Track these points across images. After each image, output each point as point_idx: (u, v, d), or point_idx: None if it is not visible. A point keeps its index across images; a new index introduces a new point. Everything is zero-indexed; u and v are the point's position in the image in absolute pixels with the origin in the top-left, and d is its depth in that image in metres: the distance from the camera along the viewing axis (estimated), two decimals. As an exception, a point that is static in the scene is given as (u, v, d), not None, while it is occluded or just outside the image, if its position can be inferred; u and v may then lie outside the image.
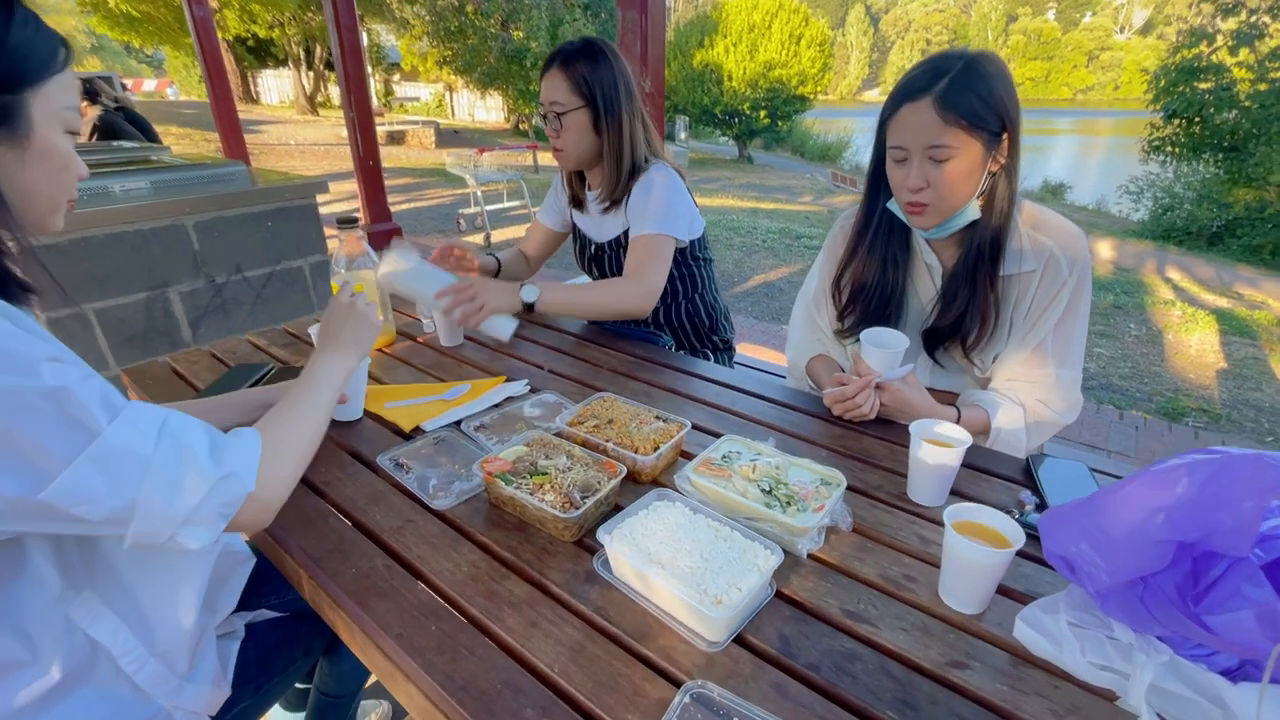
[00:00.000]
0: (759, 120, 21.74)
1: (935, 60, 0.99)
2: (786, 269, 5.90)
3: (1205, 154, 7.76)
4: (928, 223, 1.05)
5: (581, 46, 1.37)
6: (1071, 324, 1.06)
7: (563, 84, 1.36)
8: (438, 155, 14.50)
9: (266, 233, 2.36)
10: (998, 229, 1.04)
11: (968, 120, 0.95)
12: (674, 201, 1.43)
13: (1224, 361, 3.91)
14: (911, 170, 1.00)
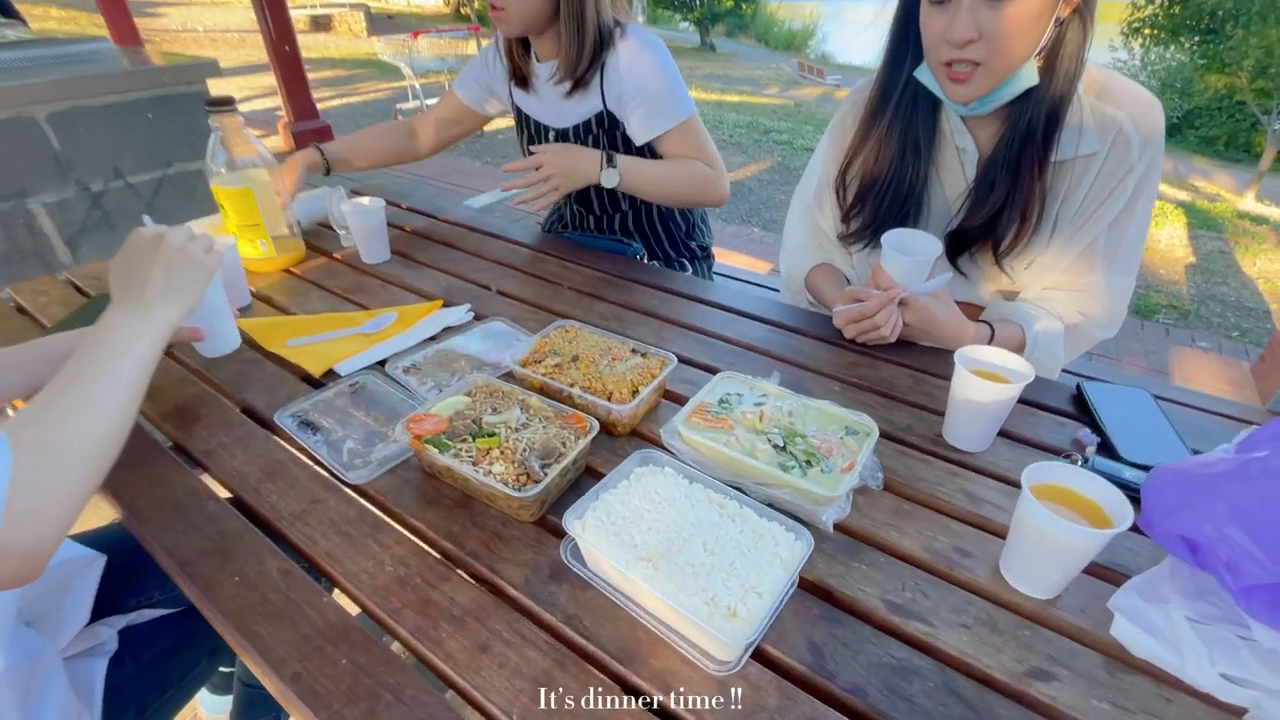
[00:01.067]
0: (722, 3, 20.11)
1: None
2: (756, 166, 5.56)
3: (1182, 37, 7.46)
4: (973, 91, 0.80)
5: None
6: (1130, 220, 0.86)
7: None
8: (370, 44, 13.02)
9: (148, 127, 1.95)
10: (1058, 99, 0.80)
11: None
12: (674, 73, 1.16)
13: (1192, 256, 3.88)
14: (960, 16, 0.74)
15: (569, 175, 1.11)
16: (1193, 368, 2.48)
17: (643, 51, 1.13)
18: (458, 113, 1.41)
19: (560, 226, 1.43)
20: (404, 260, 1.19)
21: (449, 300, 1.03)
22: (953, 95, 0.83)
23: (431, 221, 1.38)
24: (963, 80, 0.79)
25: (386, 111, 6.83)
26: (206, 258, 0.70)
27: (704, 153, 1.21)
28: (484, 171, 4.82)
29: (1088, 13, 0.77)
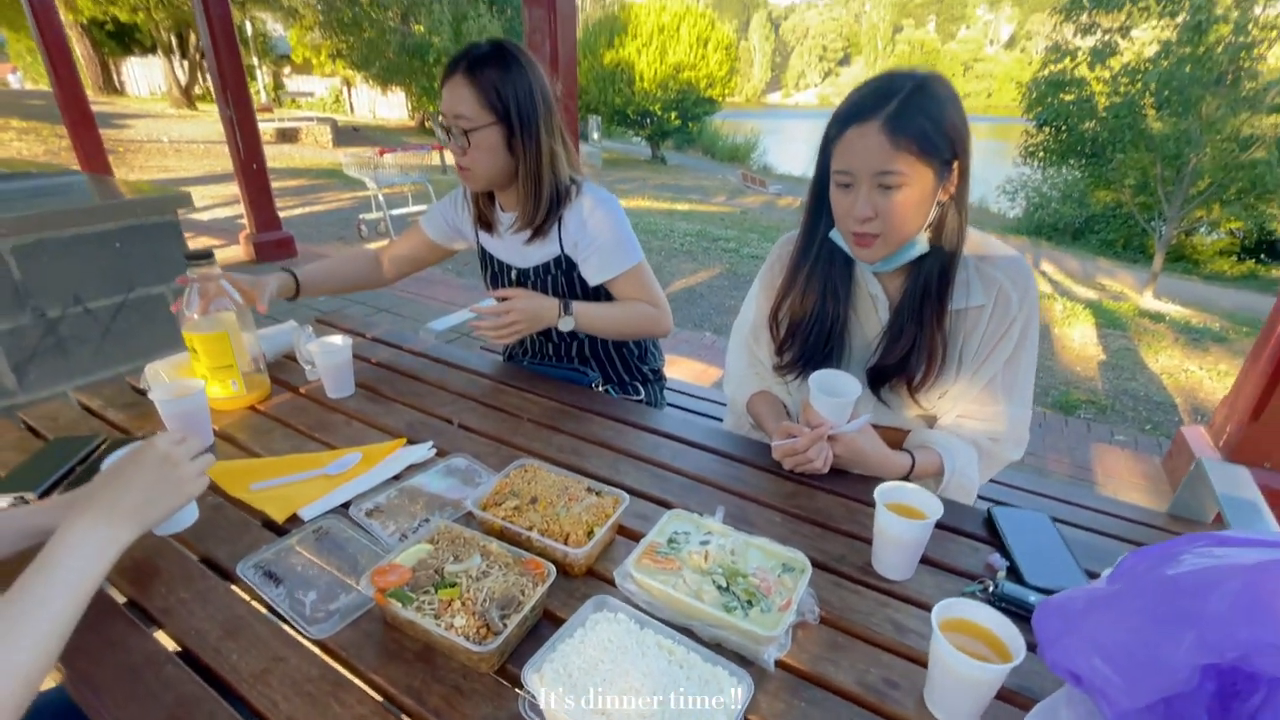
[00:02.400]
0: (670, 121, 21.97)
1: (884, 80, 0.90)
2: (706, 273, 5.90)
3: (1071, 159, 8.53)
4: (874, 255, 0.96)
5: (491, 51, 1.18)
6: (1021, 359, 1.01)
7: (469, 95, 1.16)
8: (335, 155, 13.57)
9: (114, 255, 2.00)
10: (946, 262, 0.97)
11: (919, 146, 0.87)
12: (625, 226, 1.31)
13: (1103, 353, 4.24)
14: (859, 198, 0.91)
15: (532, 320, 1.22)
16: (1112, 464, 2.67)
17: (596, 208, 1.28)
18: (424, 248, 1.52)
19: (522, 354, 1.52)
20: (368, 394, 1.24)
21: (412, 437, 1.08)
22: (859, 257, 0.98)
23: (396, 352, 1.45)
24: (866, 246, 0.95)
25: (349, 221, 7.04)
26: (195, 483, 0.73)
27: (649, 294, 1.34)
28: (444, 280, 4.97)
29: (962, 199, 0.94)
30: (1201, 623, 0.46)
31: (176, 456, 0.71)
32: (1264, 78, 6.63)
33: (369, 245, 6.27)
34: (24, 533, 0.70)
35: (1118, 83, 7.28)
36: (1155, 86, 6.80)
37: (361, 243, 6.36)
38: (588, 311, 1.27)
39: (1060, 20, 7.77)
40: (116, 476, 0.68)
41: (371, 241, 6.39)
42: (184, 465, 0.72)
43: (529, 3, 2.84)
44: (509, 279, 1.41)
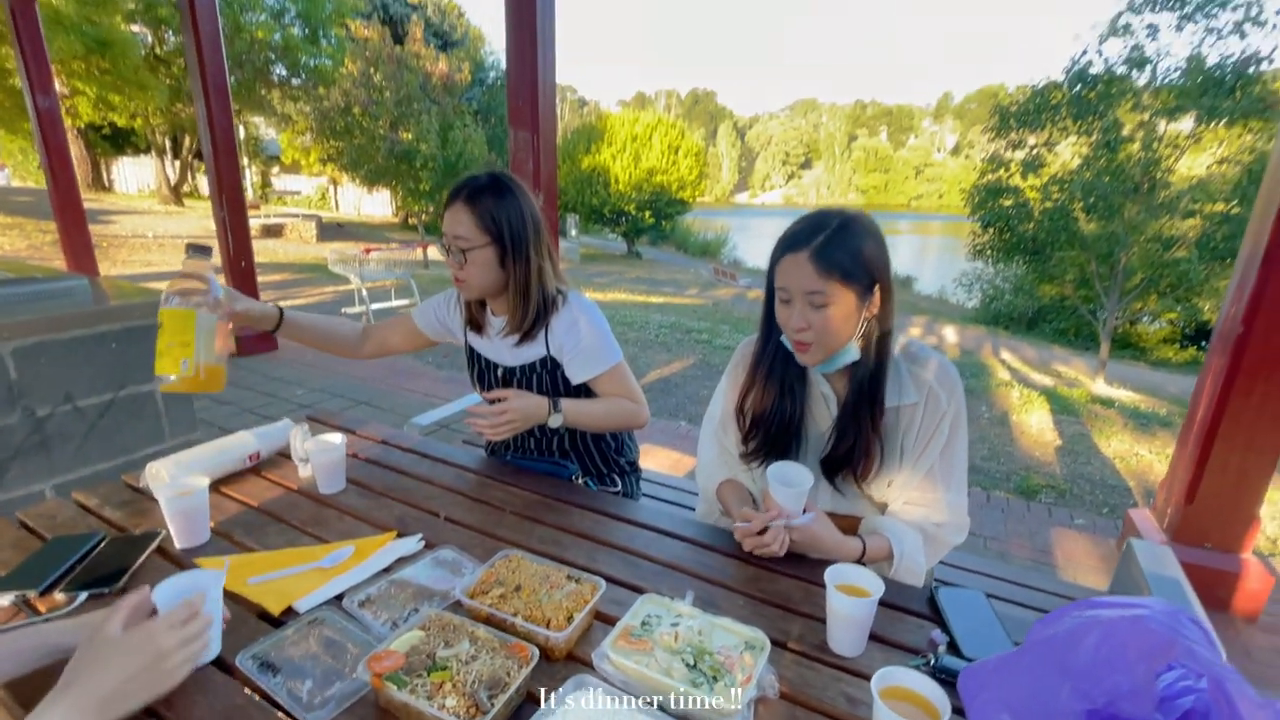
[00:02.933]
0: (644, 220, 23.19)
1: (816, 216, 1.09)
2: (680, 364, 6.10)
3: (1015, 256, 9.21)
4: (812, 359, 1.12)
5: (488, 181, 1.36)
6: (954, 450, 1.15)
7: (469, 219, 1.33)
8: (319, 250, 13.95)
9: (110, 355, 2.08)
10: (876, 368, 1.13)
11: (841, 274, 1.04)
12: (606, 330, 1.46)
13: (1059, 439, 4.44)
14: (794, 312, 1.08)
15: (526, 418, 1.33)
16: (1071, 547, 2.77)
17: (580, 316, 1.43)
18: (410, 336, 1.64)
19: (504, 449, 1.61)
20: (359, 489, 1.31)
21: (402, 530, 1.15)
22: (800, 360, 1.14)
23: (384, 448, 1.53)
24: (804, 351, 1.11)
25: (330, 313, 7.14)
26: (180, 672, 0.72)
27: (629, 390, 1.47)
28: (424, 373, 5.07)
29: (885, 316, 1.12)
30: (1073, 674, 0.56)
31: (169, 647, 0.70)
32: (1175, 187, 7.40)
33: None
34: (42, 650, 0.74)
35: (1048, 191, 8.04)
36: (1081, 194, 7.53)
37: (342, 335, 6.46)
38: (574, 408, 1.39)
39: (993, 135, 8.67)
40: (101, 662, 0.66)
41: (352, 334, 6.51)
42: (175, 655, 0.71)
43: (514, 125, 3.14)
44: (495, 376, 1.53)
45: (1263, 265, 1.92)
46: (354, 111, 12.59)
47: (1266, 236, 1.93)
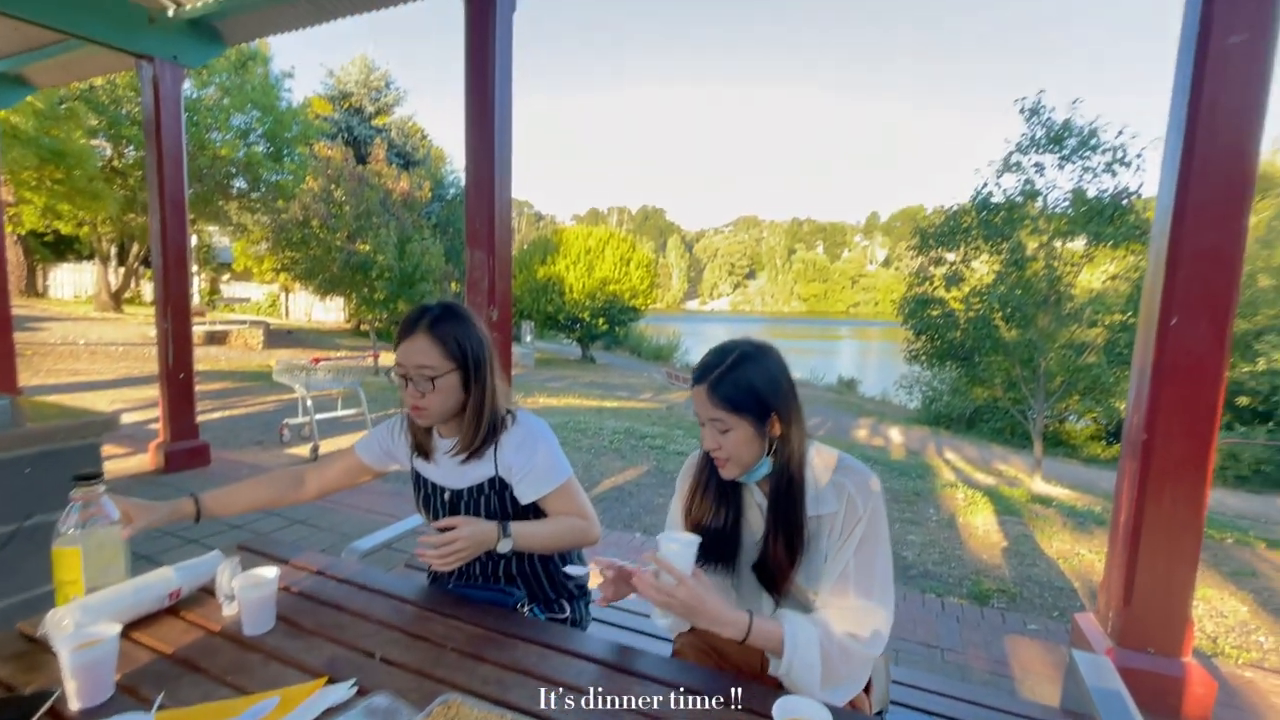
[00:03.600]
0: (598, 326, 23.78)
1: (718, 351, 1.23)
2: (634, 470, 6.06)
3: (947, 362, 9.80)
4: (730, 474, 1.22)
5: (444, 311, 1.41)
6: (871, 555, 1.17)
7: (433, 348, 1.36)
8: (265, 357, 13.62)
9: (21, 481, 1.94)
10: (790, 481, 1.21)
11: (732, 406, 1.17)
12: (555, 446, 1.48)
13: (1005, 540, 4.54)
14: (707, 434, 1.21)
15: (476, 546, 1.32)
16: (1026, 655, 2.76)
17: (529, 434, 1.45)
18: (355, 470, 1.62)
19: (448, 577, 1.55)
20: (288, 628, 1.23)
21: (333, 675, 1.07)
22: (722, 474, 1.24)
23: (319, 579, 1.45)
24: (723, 466, 1.22)
25: (271, 425, 6.91)
26: None
27: (578, 507, 1.47)
28: (366, 487, 4.86)
29: (787, 438, 1.21)
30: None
31: None
32: (1078, 299, 8.19)
33: (290, 450, 6.12)
34: None
35: (970, 302, 8.75)
36: (999, 305, 8.22)
37: (282, 448, 6.20)
38: (524, 530, 1.39)
39: (916, 253, 9.50)
40: None
41: (294, 446, 6.25)
42: None
43: (472, 245, 3.29)
44: (442, 500, 1.51)
45: (1153, 377, 2.13)
46: (312, 224, 12.84)
47: (1152, 351, 2.15)
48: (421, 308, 1.42)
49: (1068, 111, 7.80)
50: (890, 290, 38.59)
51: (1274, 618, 3.45)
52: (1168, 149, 2.13)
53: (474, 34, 3.21)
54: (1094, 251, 8.03)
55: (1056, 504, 5.87)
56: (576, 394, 13.78)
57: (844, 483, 1.21)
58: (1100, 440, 14.50)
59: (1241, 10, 1.94)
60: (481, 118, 3.21)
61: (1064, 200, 7.98)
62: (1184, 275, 2.06)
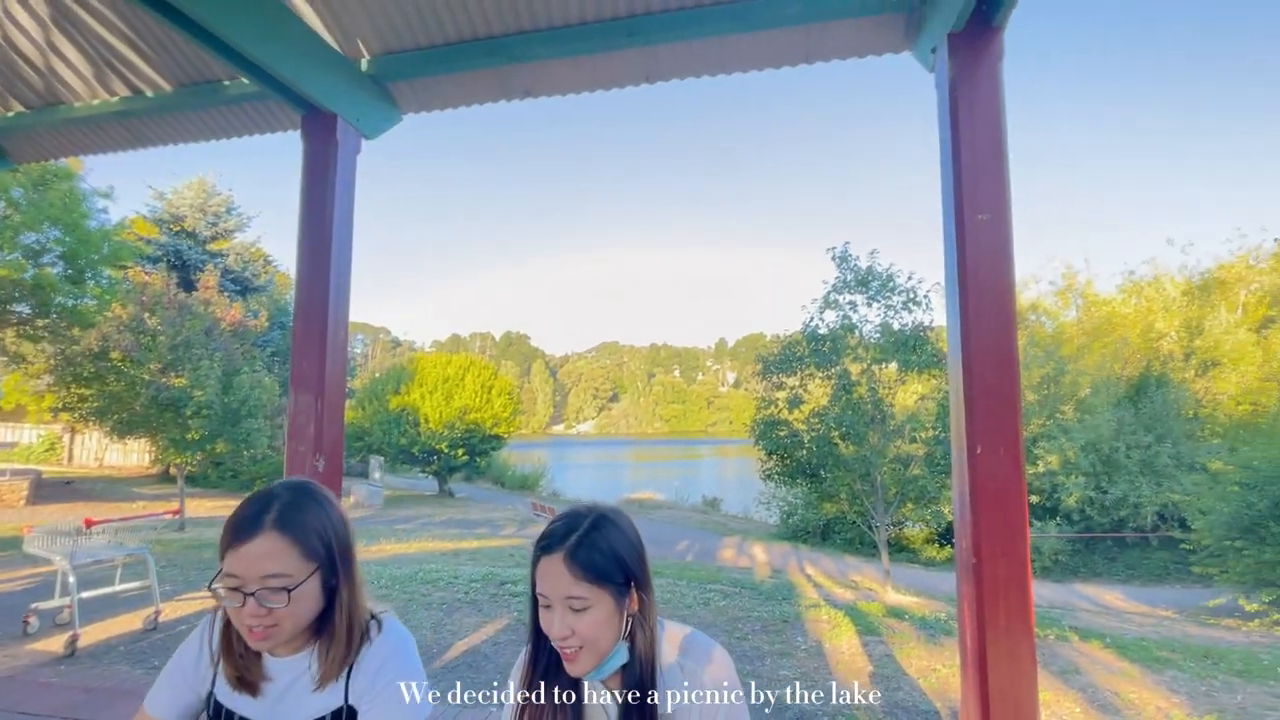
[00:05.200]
0: (458, 457, 22.50)
1: (568, 517, 1.10)
2: (493, 626, 5.44)
3: (798, 479, 10.41)
4: (581, 668, 1.05)
5: (294, 496, 1.11)
6: None
7: (289, 549, 1.05)
8: (29, 515, 10.98)
9: None
10: (645, 667, 1.08)
11: (594, 575, 1.03)
12: (421, 680, 1.17)
13: (869, 664, 4.58)
14: (555, 618, 1.03)
15: None
16: (905, 800, 2.66)
17: (395, 656, 1.16)
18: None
19: None
20: None
21: None
22: (569, 670, 1.06)
23: None
24: (572, 660, 1.04)
25: (16, 610, 5.37)
26: None
27: None
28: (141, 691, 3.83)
29: (644, 615, 1.09)
30: None
31: None
32: (898, 418, 9.24)
33: (34, 645, 4.74)
34: None
35: (811, 423, 9.52)
36: (835, 425, 9.02)
37: (24, 642, 4.80)
38: None
39: (759, 379, 10.31)
40: None
41: (42, 639, 4.86)
42: None
43: (297, 388, 2.96)
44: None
45: (971, 503, 2.33)
46: (112, 356, 11.14)
47: (966, 478, 2.37)
48: (262, 498, 1.11)
49: (869, 260, 9.27)
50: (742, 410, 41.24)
51: (1103, 714, 3.72)
52: (948, 301, 2.51)
53: (311, 171, 3.11)
54: (905, 376, 9.23)
55: (909, 616, 6.13)
56: (430, 536, 12.59)
57: (701, 673, 1.09)
58: (934, 543, 15.87)
59: (984, 195, 2.41)
60: (315, 255, 3.03)
61: (876, 332, 9.23)
62: (979, 409, 2.34)
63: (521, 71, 3.29)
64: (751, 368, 11.77)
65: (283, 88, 2.92)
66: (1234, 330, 16.96)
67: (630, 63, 3.24)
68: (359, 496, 19.72)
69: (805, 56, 3.04)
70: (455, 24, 3.07)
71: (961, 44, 2.38)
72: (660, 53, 3.13)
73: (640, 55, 3.17)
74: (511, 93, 3.43)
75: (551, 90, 3.45)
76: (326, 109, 3.09)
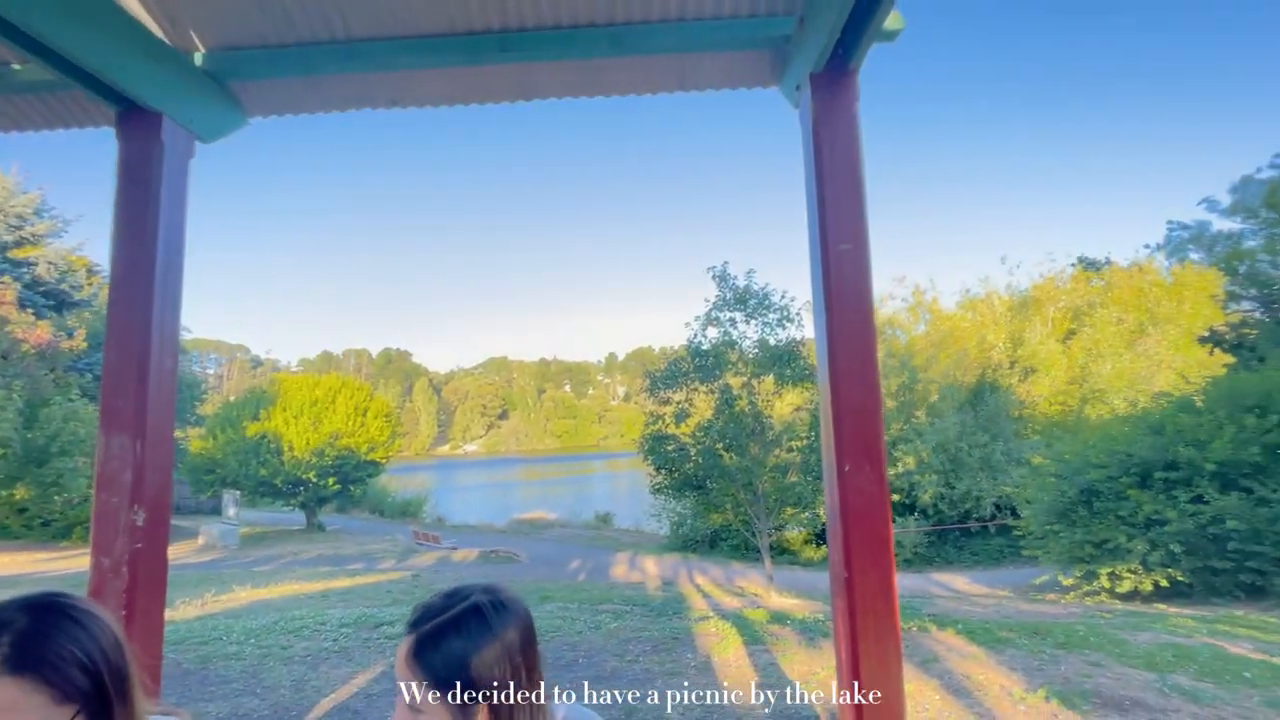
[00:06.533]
0: (329, 486, 20.69)
1: (448, 594, 0.96)
2: (364, 676, 4.96)
3: (686, 492, 10.63)
4: None
5: (32, 622, 0.82)
6: None
7: (32, 694, 0.78)
8: None
9: None
10: None
11: (432, 679, 0.88)
12: None
13: (755, 673, 4.70)
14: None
15: None
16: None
17: None
18: None
19: None
20: None
21: None
22: None
23: None
24: None
25: None
26: None
27: None
28: None
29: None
30: None
31: None
32: (776, 428, 9.72)
33: None
34: None
35: (697, 436, 9.76)
36: (719, 437, 9.31)
37: None
38: None
39: (647, 395, 10.44)
40: None
41: None
42: None
43: (109, 429, 2.53)
44: None
45: (841, 518, 2.44)
46: None
47: (836, 494, 2.48)
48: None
49: (746, 279, 9.72)
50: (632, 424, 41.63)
51: (956, 699, 4.06)
52: (816, 327, 2.64)
53: (128, 174, 2.69)
54: (781, 388, 9.75)
55: (791, 621, 6.40)
56: (296, 577, 11.40)
57: None
58: (811, 544, 16.88)
59: (845, 227, 2.57)
60: (133, 270, 2.61)
61: (754, 348, 9.68)
62: (847, 427, 2.47)
63: (387, 80, 3.08)
64: (641, 382, 11.88)
65: (89, 78, 2.50)
66: (1045, 341, 19.77)
67: (506, 78, 3.14)
68: (210, 537, 17.51)
69: (680, 85, 3.11)
70: (309, 23, 2.80)
71: (822, 84, 2.53)
72: (537, 70, 3.07)
73: (516, 71, 3.08)
74: (376, 101, 3.20)
75: (422, 101, 3.27)
76: (149, 106, 2.69)
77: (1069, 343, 20.35)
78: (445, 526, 26.20)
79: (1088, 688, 4.20)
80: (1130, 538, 9.14)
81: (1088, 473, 9.79)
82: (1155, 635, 5.85)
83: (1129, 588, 9.21)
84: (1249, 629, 6.46)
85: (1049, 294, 22.05)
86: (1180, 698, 4.05)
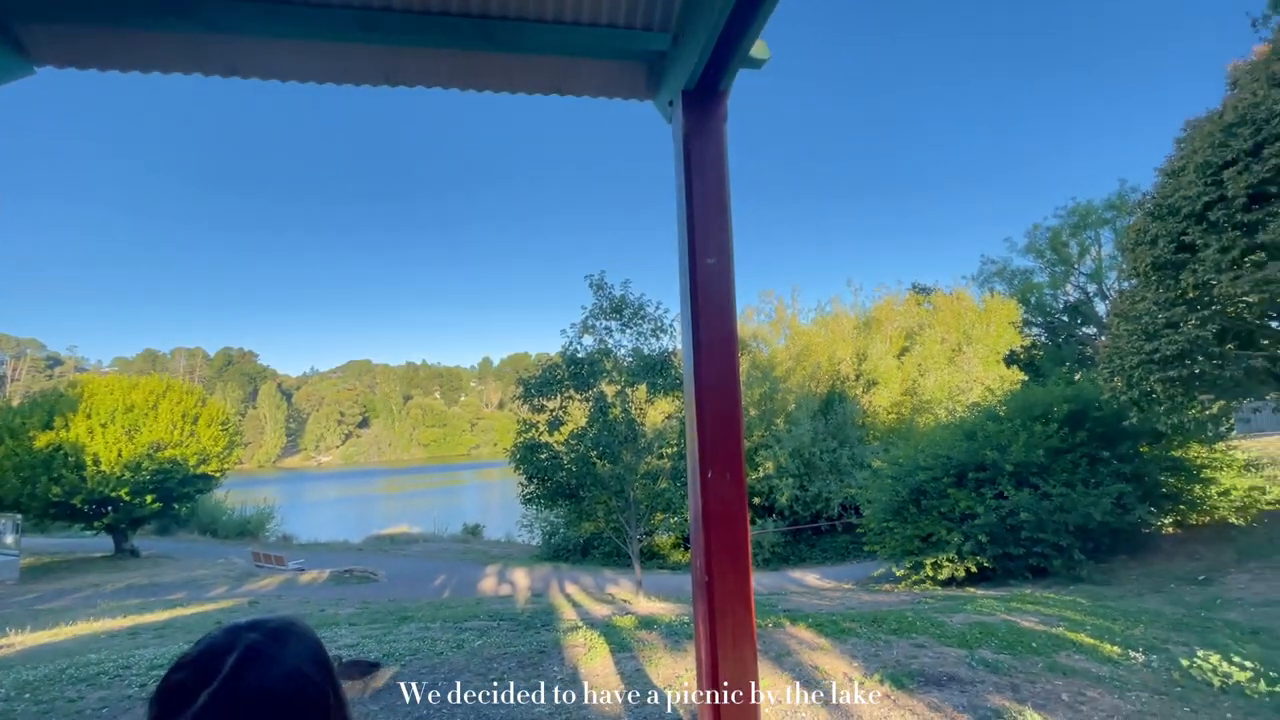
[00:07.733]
0: (146, 505, 17.91)
1: (203, 652, 0.79)
2: (178, 724, 4.30)
3: (559, 501, 10.51)
4: None
5: None
6: None
7: None
8: None
9: None
10: None
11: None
12: None
13: (621, 682, 4.71)
14: None
15: None
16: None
17: None
18: None
19: None
20: None
21: None
22: None
23: None
24: None
25: None
26: None
27: None
28: None
29: None
30: None
31: None
32: (648, 436, 9.92)
33: None
34: None
35: (571, 444, 9.69)
36: (593, 445, 9.31)
37: None
38: None
39: (520, 402, 10.20)
40: None
41: None
42: None
43: None
44: None
45: (704, 524, 2.51)
46: None
47: (699, 501, 2.55)
48: None
49: (622, 289, 9.85)
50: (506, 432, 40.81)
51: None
52: (684, 338, 2.70)
53: None
54: (654, 397, 9.98)
55: (658, 626, 6.52)
56: (96, 613, 9.72)
57: None
58: (679, 548, 17.42)
59: (712, 242, 2.66)
60: None
61: (629, 357, 9.82)
62: (709, 435, 2.55)
63: (223, 44, 2.73)
64: (515, 389, 11.57)
65: None
66: (885, 357, 22.10)
67: (370, 59, 2.91)
68: (-26, 573, 14.52)
69: (558, 88, 3.07)
70: (121, -34, 2.41)
71: (693, 102, 2.62)
72: (404, 55, 2.88)
73: (381, 53, 2.87)
74: (209, 67, 2.82)
75: (267, 74, 2.93)
76: (-113, 38, 2.16)
77: (904, 358, 22.92)
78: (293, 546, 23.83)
79: (914, 668, 4.69)
80: (949, 530, 10.42)
81: (917, 474, 11.03)
82: (967, 616, 6.69)
83: (948, 575, 10.48)
84: (1035, 605, 7.60)
85: (888, 314, 24.72)
86: (984, 670, 4.65)
